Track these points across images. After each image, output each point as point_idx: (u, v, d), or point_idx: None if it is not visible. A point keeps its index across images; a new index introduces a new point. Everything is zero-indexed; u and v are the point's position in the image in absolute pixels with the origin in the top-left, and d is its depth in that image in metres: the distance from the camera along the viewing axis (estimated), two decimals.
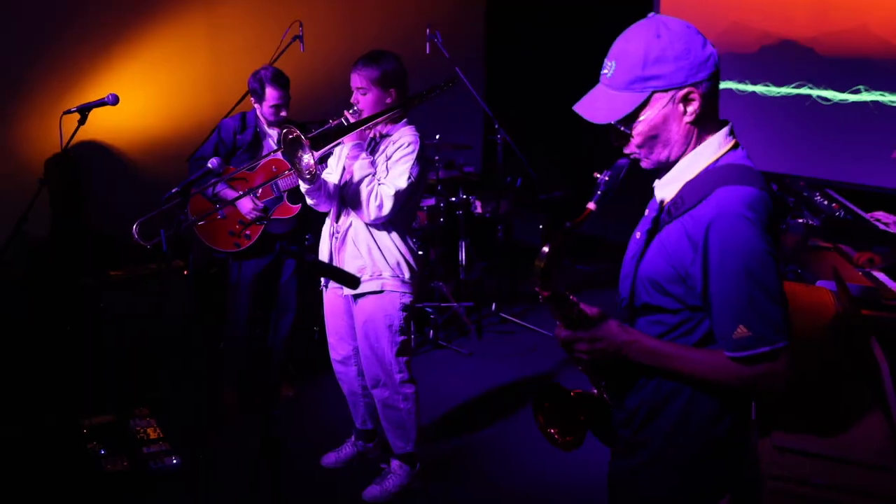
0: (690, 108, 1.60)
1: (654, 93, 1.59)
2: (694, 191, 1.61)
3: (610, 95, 1.62)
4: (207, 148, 3.87)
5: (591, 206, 1.66)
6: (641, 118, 1.61)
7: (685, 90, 1.58)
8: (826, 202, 3.57)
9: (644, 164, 1.70)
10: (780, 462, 1.80)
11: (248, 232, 3.82)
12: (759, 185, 1.57)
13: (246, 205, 3.74)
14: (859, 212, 3.54)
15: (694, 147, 1.64)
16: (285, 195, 3.81)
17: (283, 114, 3.81)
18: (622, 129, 1.64)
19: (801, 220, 3.57)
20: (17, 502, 3.16)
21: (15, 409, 3.61)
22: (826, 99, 5.68)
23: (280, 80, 3.76)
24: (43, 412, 3.74)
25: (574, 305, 1.67)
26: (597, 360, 1.68)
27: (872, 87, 5.46)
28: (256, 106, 3.82)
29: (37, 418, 3.65)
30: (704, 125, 1.63)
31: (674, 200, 1.66)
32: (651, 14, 1.65)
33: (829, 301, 2.75)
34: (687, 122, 1.61)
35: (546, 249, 1.60)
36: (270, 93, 3.73)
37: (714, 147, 1.64)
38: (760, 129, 5.85)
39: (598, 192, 1.67)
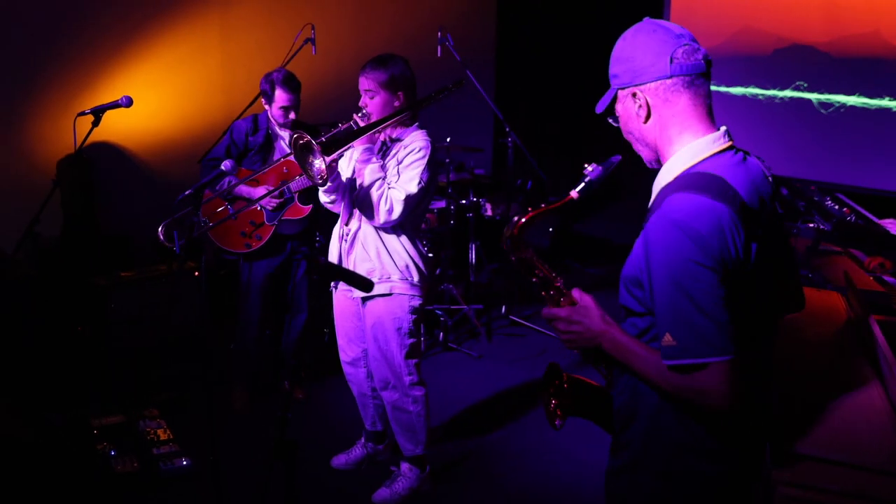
0: (640, 109, 1.67)
1: (618, 90, 1.71)
2: (662, 195, 1.62)
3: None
4: (219, 150, 3.90)
5: (574, 194, 1.77)
6: (617, 113, 1.74)
7: (630, 89, 1.67)
8: (837, 207, 3.56)
9: (643, 159, 1.78)
10: (791, 467, 1.79)
11: (258, 233, 3.84)
12: (714, 195, 1.54)
13: (263, 200, 3.74)
14: (871, 216, 3.53)
15: (674, 152, 1.67)
16: (296, 196, 3.82)
17: (292, 116, 3.83)
18: (609, 120, 1.76)
19: (811, 225, 3.56)
20: (27, 502, 3.17)
21: (25, 409, 3.62)
22: (837, 103, 5.66)
23: (291, 83, 3.78)
24: (53, 412, 3.76)
25: (554, 279, 1.78)
26: (577, 345, 1.74)
27: (885, 91, 5.44)
28: (267, 107, 3.85)
29: (47, 418, 3.67)
30: (679, 129, 1.66)
31: (651, 203, 1.69)
32: (645, 18, 1.72)
33: (841, 306, 2.75)
34: (642, 122, 1.68)
35: (516, 219, 1.77)
36: (280, 95, 3.76)
37: (693, 151, 1.64)
38: (771, 133, 5.84)
39: (583, 183, 1.77)
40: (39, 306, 3.97)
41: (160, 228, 3.16)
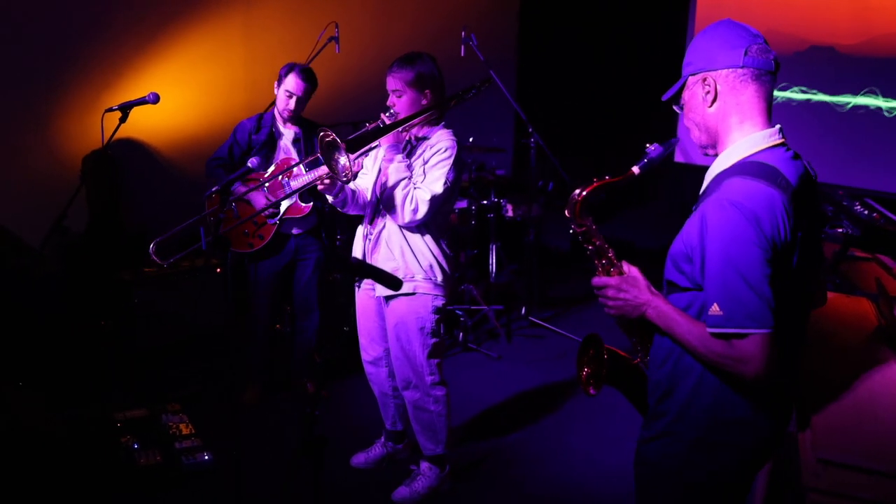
0: (707, 94, 1.78)
1: (689, 76, 1.82)
2: (719, 179, 1.75)
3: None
4: (223, 150, 3.90)
5: (635, 169, 1.87)
6: (683, 100, 1.85)
7: (702, 74, 1.78)
8: (866, 212, 3.51)
9: (696, 143, 1.89)
10: (822, 475, 1.77)
11: (261, 233, 3.83)
12: (770, 182, 1.66)
13: (259, 200, 3.76)
14: None
15: (733, 141, 1.78)
16: (296, 195, 3.77)
17: (293, 107, 3.79)
18: (675, 107, 1.87)
19: (840, 230, 3.52)
20: (52, 493, 3.20)
21: (52, 402, 3.66)
22: (866, 106, 5.59)
23: (305, 73, 3.76)
24: (77, 405, 3.79)
25: (607, 250, 1.90)
26: (622, 312, 1.85)
27: None
28: (276, 93, 3.83)
29: (72, 410, 3.70)
30: (740, 119, 1.77)
31: (705, 188, 1.82)
32: (727, 18, 1.83)
33: (871, 312, 2.71)
34: (707, 107, 1.79)
35: (578, 191, 1.87)
36: (290, 79, 3.74)
37: (751, 143, 1.76)
38: (799, 136, 5.78)
39: (644, 160, 1.87)
40: (65, 301, 4.00)
41: (151, 246, 3.18)
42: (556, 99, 7.57)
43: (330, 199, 3.08)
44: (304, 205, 3.83)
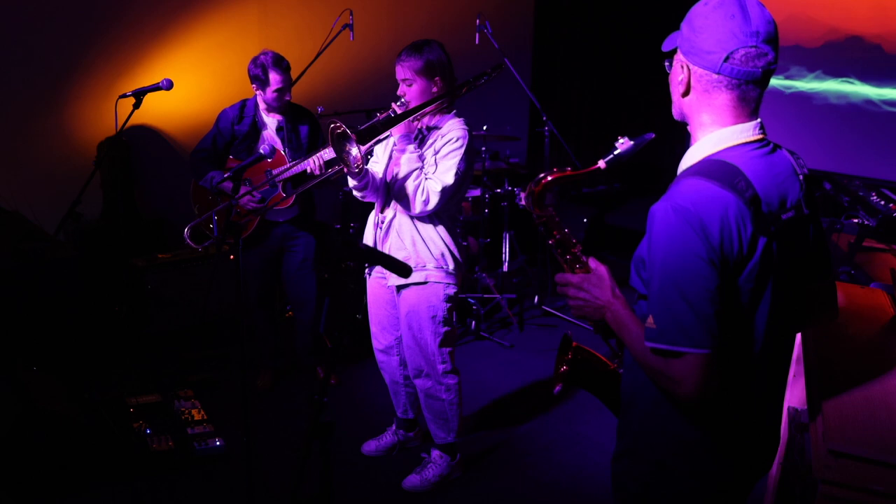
0: (682, 82, 1.63)
1: (678, 47, 1.65)
2: (677, 179, 1.61)
3: None
4: (206, 141, 3.82)
5: (601, 163, 1.79)
6: (670, 66, 1.69)
7: (683, 59, 1.62)
8: (883, 202, 3.48)
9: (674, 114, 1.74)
10: (834, 466, 1.75)
11: (243, 222, 3.78)
12: (723, 184, 1.51)
13: (244, 197, 3.68)
14: None
15: (701, 136, 1.63)
16: (280, 185, 3.70)
17: (287, 98, 3.74)
18: (666, 63, 1.71)
19: (855, 220, 3.48)
20: (66, 477, 3.24)
21: (68, 386, 3.69)
22: (884, 97, 5.52)
23: (282, 64, 3.68)
24: (92, 390, 3.82)
25: (573, 244, 1.81)
26: (582, 313, 1.73)
27: None
28: (259, 93, 3.74)
29: (86, 395, 3.73)
30: (711, 119, 1.61)
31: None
32: None
33: (886, 303, 2.68)
34: (680, 93, 1.64)
35: (541, 176, 1.81)
36: (273, 77, 3.65)
37: (719, 139, 1.60)
38: (815, 127, 5.72)
39: (612, 155, 1.78)
40: (80, 286, 4.03)
41: (186, 230, 3.17)
42: (572, 87, 7.52)
43: (352, 183, 3.06)
44: (287, 195, 3.72)
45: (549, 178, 1.81)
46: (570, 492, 3.37)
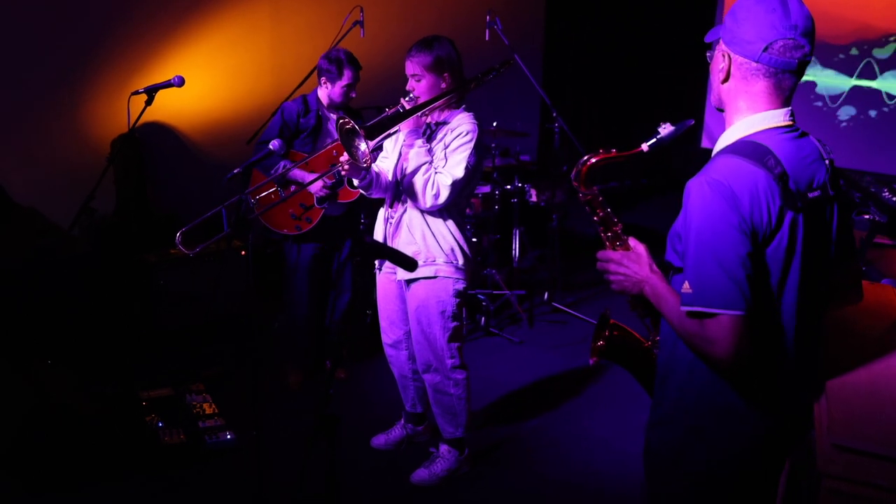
0: (722, 69, 1.73)
1: (721, 38, 1.76)
2: (713, 159, 1.72)
3: None
4: (272, 131, 3.88)
5: (644, 146, 1.87)
6: (710, 56, 1.81)
7: (724, 49, 1.73)
8: (894, 199, 3.46)
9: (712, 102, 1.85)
10: (838, 461, 1.76)
11: (309, 216, 3.85)
12: (756, 162, 1.62)
13: (315, 184, 3.75)
14: None
15: (736, 121, 1.74)
16: (345, 179, 3.80)
17: (353, 95, 3.84)
18: (707, 53, 1.82)
19: (867, 216, 3.47)
20: (79, 469, 3.28)
21: (82, 380, 3.73)
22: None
23: (355, 62, 3.80)
24: (104, 383, 3.86)
25: (615, 223, 1.89)
26: (622, 287, 1.83)
27: None
28: (326, 87, 3.81)
29: (99, 389, 3.77)
30: (748, 105, 1.72)
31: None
32: None
33: (895, 300, 2.67)
34: (721, 81, 1.74)
35: (586, 158, 1.87)
36: (348, 73, 3.76)
37: (750, 124, 1.71)
38: (827, 121, 5.68)
39: (654, 139, 1.86)
40: (93, 281, 4.07)
41: (178, 235, 3.20)
42: (582, 83, 7.51)
43: (356, 182, 3.09)
44: (353, 189, 3.82)
45: (595, 160, 1.88)
46: (578, 488, 3.38)
